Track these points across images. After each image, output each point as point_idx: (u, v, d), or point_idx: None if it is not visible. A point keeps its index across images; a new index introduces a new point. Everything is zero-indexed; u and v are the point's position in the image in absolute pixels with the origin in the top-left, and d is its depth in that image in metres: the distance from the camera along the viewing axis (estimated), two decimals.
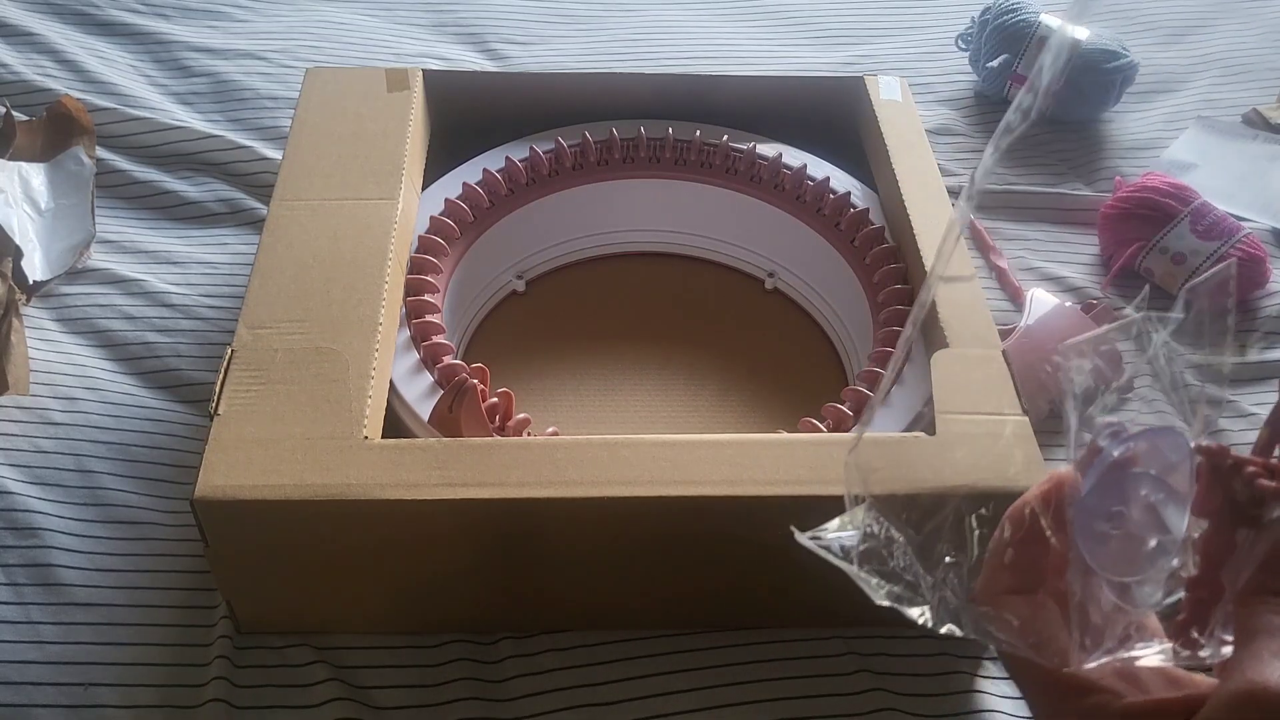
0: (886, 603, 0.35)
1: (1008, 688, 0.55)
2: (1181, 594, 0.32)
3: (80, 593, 0.56)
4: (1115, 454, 0.33)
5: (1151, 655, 0.32)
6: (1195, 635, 0.32)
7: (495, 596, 0.54)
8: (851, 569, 0.35)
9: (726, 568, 0.53)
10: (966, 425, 0.51)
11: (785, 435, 0.53)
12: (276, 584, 0.53)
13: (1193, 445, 0.33)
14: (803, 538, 0.36)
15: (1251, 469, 0.32)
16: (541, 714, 0.53)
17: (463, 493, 0.48)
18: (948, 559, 0.35)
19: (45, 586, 0.56)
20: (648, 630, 0.56)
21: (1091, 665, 0.32)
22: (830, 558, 0.36)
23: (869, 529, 0.36)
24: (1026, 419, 0.51)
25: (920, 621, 0.35)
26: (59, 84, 0.85)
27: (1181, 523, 0.32)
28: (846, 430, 0.56)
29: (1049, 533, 0.34)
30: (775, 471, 0.49)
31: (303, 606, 0.54)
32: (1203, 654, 0.32)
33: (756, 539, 0.51)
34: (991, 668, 0.55)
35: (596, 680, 0.54)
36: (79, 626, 0.54)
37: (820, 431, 0.56)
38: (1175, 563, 0.32)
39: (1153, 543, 0.32)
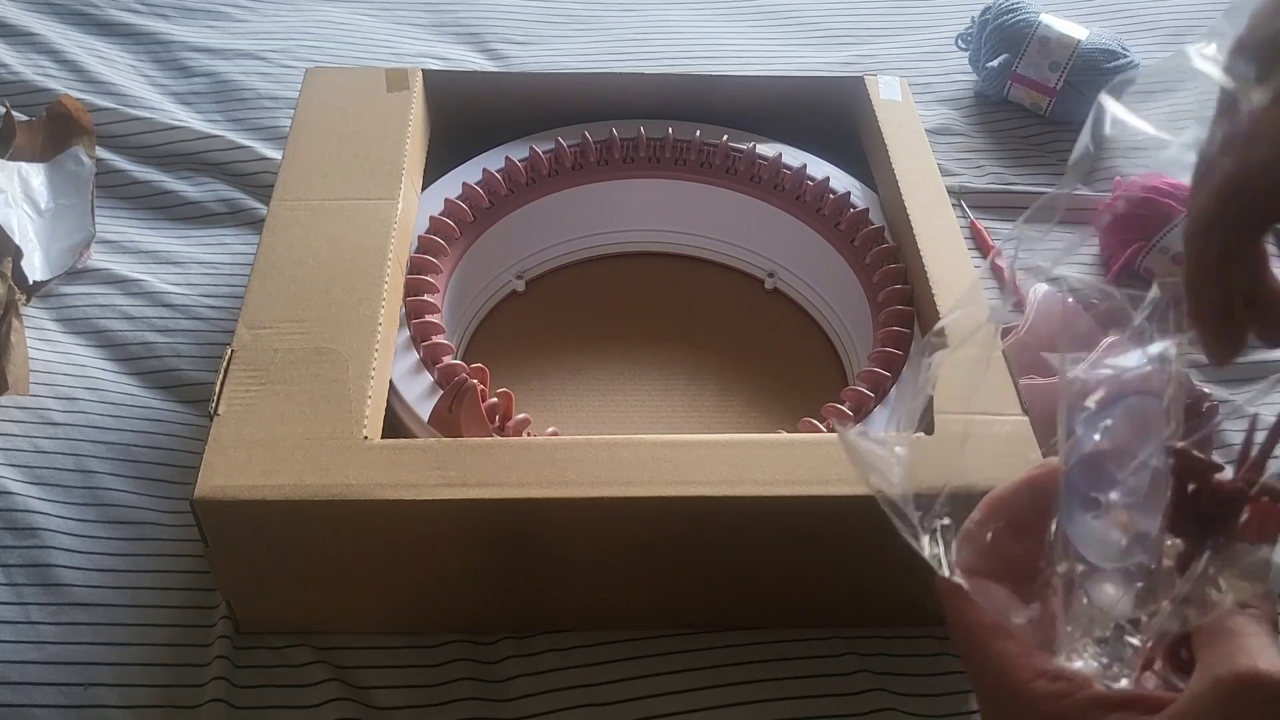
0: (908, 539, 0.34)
1: None
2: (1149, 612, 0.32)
3: (80, 593, 0.56)
4: (1095, 437, 0.33)
5: (1134, 676, 0.31)
6: (1185, 655, 0.31)
7: (495, 596, 0.54)
8: (883, 502, 0.35)
9: (726, 568, 0.53)
10: (965, 425, 0.51)
11: (785, 435, 0.53)
12: (276, 584, 0.53)
13: (1172, 445, 0.32)
14: (848, 434, 0.35)
15: (1223, 482, 0.32)
16: (541, 714, 0.53)
17: (463, 493, 0.48)
18: (940, 521, 0.35)
19: (45, 586, 0.56)
20: (648, 630, 0.56)
21: (1075, 664, 0.31)
22: (864, 474, 0.35)
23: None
24: (1026, 419, 0.51)
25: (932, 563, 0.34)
26: (59, 84, 0.85)
27: (1153, 518, 0.32)
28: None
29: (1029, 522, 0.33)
30: (775, 471, 0.49)
31: (303, 606, 0.54)
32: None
33: (756, 539, 0.51)
34: None
35: (596, 680, 0.54)
36: (79, 626, 0.54)
37: (820, 431, 0.56)
38: (1146, 561, 0.32)
39: (1124, 541, 0.32)
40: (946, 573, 0.34)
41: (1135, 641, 0.31)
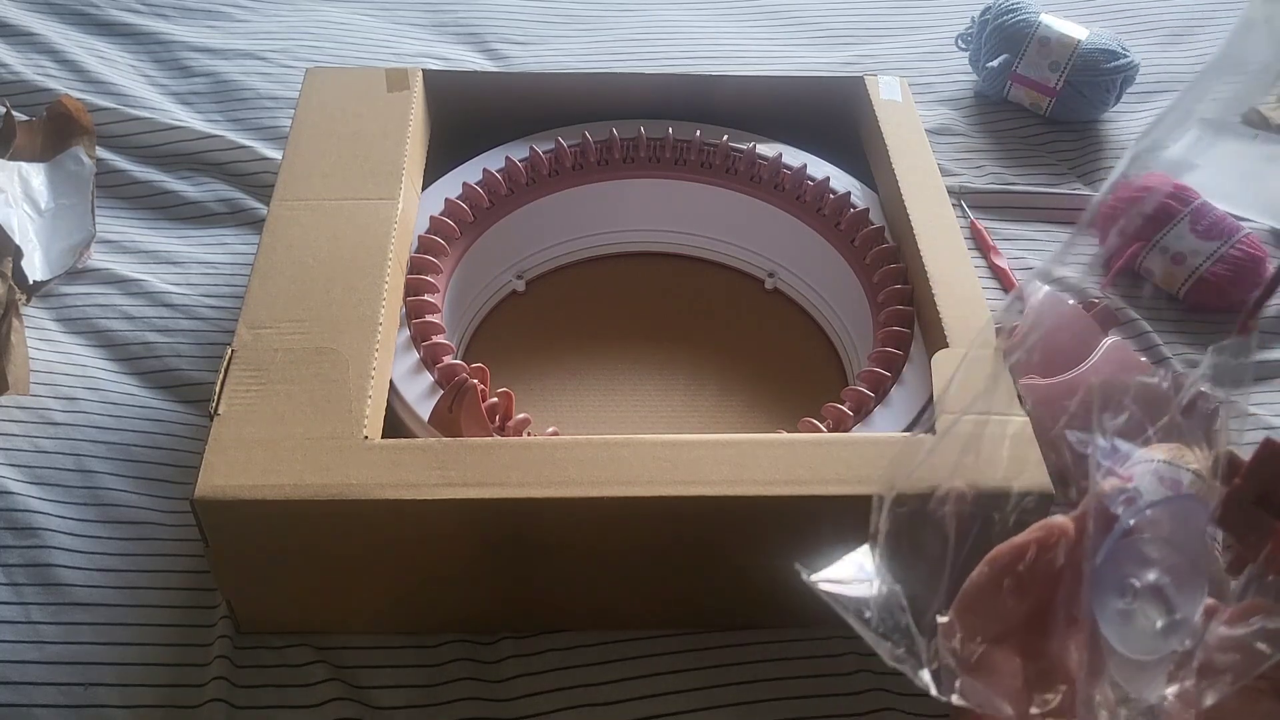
0: (895, 665, 0.33)
1: None
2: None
3: (80, 593, 0.56)
4: (1130, 522, 0.32)
5: None
6: None
7: (495, 596, 0.54)
8: (862, 628, 0.33)
9: (726, 568, 0.53)
10: (965, 425, 0.51)
11: (785, 435, 0.53)
12: (276, 584, 0.53)
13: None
14: (812, 578, 0.34)
15: None
16: (541, 714, 0.53)
17: (463, 493, 0.48)
18: (940, 619, 0.33)
19: (45, 586, 0.56)
20: (648, 630, 0.56)
21: None
22: (839, 610, 0.33)
23: (878, 578, 0.34)
24: (1026, 419, 0.51)
25: (925, 688, 0.32)
26: (59, 84, 0.85)
27: (1194, 604, 0.31)
28: (846, 430, 0.57)
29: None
30: (775, 471, 0.49)
31: (303, 606, 0.54)
32: None
33: (756, 539, 0.51)
34: None
35: (596, 680, 0.54)
36: (79, 626, 0.54)
37: (820, 431, 0.57)
38: (1185, 647, 0.31)
39: (1161, 623, 0.31)
40: (935, 691, 0.32)
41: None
